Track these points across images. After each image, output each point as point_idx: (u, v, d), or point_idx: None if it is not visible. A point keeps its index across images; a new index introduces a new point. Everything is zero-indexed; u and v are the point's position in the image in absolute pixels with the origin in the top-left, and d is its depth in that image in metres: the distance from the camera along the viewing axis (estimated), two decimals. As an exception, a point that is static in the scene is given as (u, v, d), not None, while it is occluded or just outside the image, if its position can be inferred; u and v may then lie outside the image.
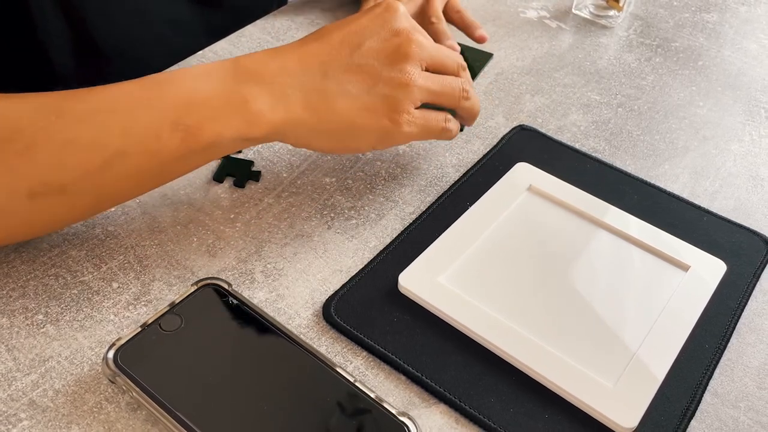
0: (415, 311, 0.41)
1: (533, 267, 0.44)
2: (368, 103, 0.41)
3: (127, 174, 0.38)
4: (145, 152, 0.38)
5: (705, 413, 0.38)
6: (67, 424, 0.35)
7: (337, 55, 0.41)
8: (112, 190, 0.39)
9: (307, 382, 0.36)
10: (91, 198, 0.39)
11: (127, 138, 0.37)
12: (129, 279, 0.42)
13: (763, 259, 0.45)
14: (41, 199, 0.37)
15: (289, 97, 0.40)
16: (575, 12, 0.69)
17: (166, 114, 0.38)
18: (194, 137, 0.38)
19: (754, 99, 0.60)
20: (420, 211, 0.48)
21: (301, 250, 0.45)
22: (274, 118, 0.40)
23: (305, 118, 0.40)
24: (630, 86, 0.60)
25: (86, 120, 0.37)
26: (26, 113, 0.37)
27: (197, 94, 0.39)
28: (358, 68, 0.41)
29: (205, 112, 0.39)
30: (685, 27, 0.68)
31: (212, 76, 0.40)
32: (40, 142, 0.36)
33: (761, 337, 0.42)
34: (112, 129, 0.37)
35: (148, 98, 0.38)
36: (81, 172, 0.37)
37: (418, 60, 0.42)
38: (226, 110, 0.39)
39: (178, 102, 0.39)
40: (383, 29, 0.42)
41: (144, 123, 0.38)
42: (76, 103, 0.38)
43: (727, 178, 0.52)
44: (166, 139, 0.38)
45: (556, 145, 0.53)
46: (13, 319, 0.40)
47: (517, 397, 0.37)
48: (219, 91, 0.39)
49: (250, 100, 0.39)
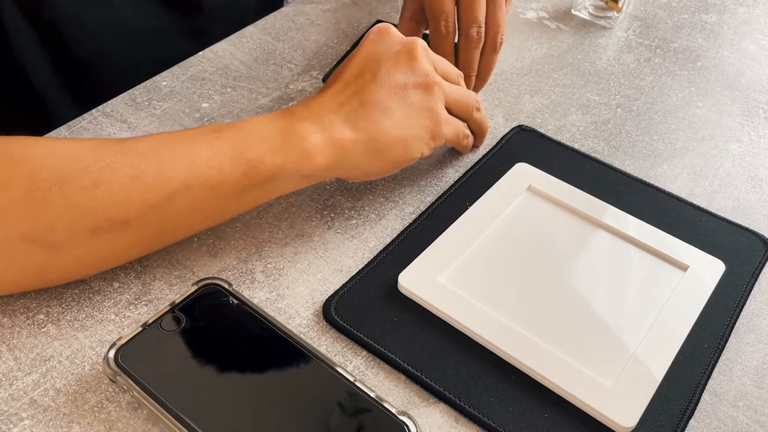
0: (414, 311, 0.41)
1: (532, 267, 0.44)
2: (408, 112, 0.43)
3: (189, 207, 0.39)
4: (208, 185, 0.39)
5: (704, 412, 0.38)
6: (68, 424, 0.36)
7: (363, 82, 0.43)
8: (173, 224, 0.40)
9: (307, 382, 0.36)
10: (153, 233, 0.40)
11: (190, 171, 0.38)
12: (130, 279, 0.42)
13: (762, 259, 0.46)
14: (104, 235, 0.37)
15: (339, 128, 0.42)
16: (574, 13, 0.69)
17: (226, 149, 0.39)
18: (255, 170, 0.39)
19: (752, 99, 0.60)
20: (420, 211, 0.48)
21: (302, 250, 0.45)
22: (329, 150, 0.41)
23: (357, 142, 0.42)
24: (629, 87, 0.60)
25: (149, 156, 0.38)
26: (89, 152, 0.37)
27: (255, 133, 0.40)
28: (386, 86, 0.43)
29: (265, 147, 0.40)
30: (683, 28, 0.68)
31: (265, 120, 0.42)
32: (105, 179, 0.37)
33: (760, 337, 0.42)
34: (175, 163, 0.38)
35: (208, 138, 0.40)
36: (145, 207, 0.38)
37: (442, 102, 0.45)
38: (285, 145, 0.40)
39: (238, 139, 0.40)
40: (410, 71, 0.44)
41: (206, 157, 0.39)
42: (137, 143, 0.39)
43: (726, 178, 0.52)
44: (228, 172, 0.39)
45: (555, 145, 0.53)
46: (14, 318, 0.40)
47: (516, 397, 0.38)
48: (275, 130, 0.41)
49: (306, 136, 0.41)
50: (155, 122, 0.53)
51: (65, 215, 0.36)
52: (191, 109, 0.55)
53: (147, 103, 0.55)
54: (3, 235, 0.36)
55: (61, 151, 0.37)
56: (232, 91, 0.57)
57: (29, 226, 0.36)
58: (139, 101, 0.55)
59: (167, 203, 0.38)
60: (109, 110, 0.54)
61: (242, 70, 0.59)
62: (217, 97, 0.56)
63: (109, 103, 0.54)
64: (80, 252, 0.38)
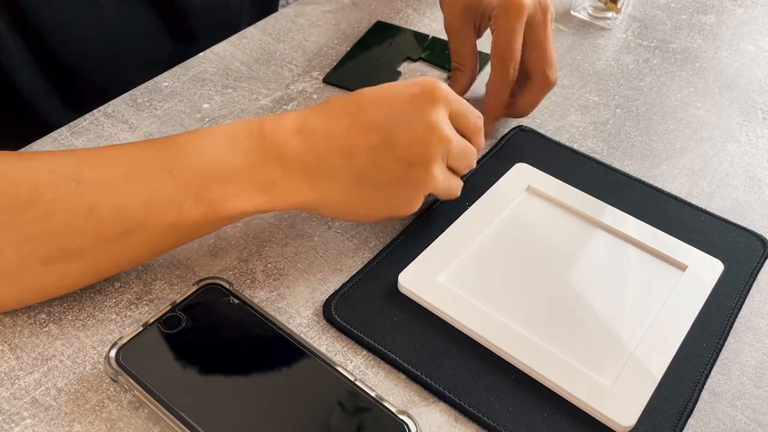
0: (414, 310, 0.41)
1: (532, 266, 0.44)
2: (384, 195, 0.40)
3: (145, 243, 0.38)
4: (166, 224, 0.37)
5: (702, 412, 0.38)
6: (70, 423, 0.36)
7: (365, 142, 0.39)
8: (127, 257, 0.39)
9: (307, 381, 0.36)
10: (107, 264, 0.39)
11: (149, 210, 0.37)
12: (131, 278, 0.42)
13: (760, 258, 0.46)
14: (56, 265, 0.37)
15: (309, 180, 0.39)
16: (573, 14, 0.69)
17: (189, 186, 0.37)
18: (215, 211, 0.38)
19: (751, 100, 0.60)
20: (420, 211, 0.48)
21: (302, 249, 0.45)
22: (294, 199, 0.39)
23: (321, 201, 0.40)
24: (628, 87, 0.61)
25: (106, 189, 0.36)
26: (45, 178, 0.36)
27: (221, 166, 0.38)
28: (382, 161, 0.39)
29: (230, 187, 0.38)
30: (682, 29, 0.68)
31: (237, 147, 0.38)
32: (58, 210, 0.35)
33: (758, 336, 0.42)
34: (133, 200, 0.37)
35: (170, 167, 0.37)
36: (99, 241, 0.37)
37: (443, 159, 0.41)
38: (250, 188, 0.38)
39: (202, 173, 0.38)
40: (418, 120, 0.39)
41: (166, 194, 0.37)
42: (96, 170, 0.37)
43: (725, 178, 0.53)
44: (188, 211, 0.37)
45: (554, 145, 0.54)
46: (15, 318, 0.40)
47: (516, 396, 0.38)
48: (244, 168, 0.38)
49: (275, 182, 0.38)
50: (156, 123, 0.53)
51: (15, 244, 0.35)
52: (192, 110, 0.55)
53: (148, 103, 0.55)
54: None
55: (14, 177, 0.36)
56: (233, 92, 0.57)
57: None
58: (140, 102, 0.55)
59: (122, 239, 0.37)
60: (110, 111, 0.54)
61: (243, 71, 0.59)
62: (218, 98, 0.56)
63: (111, 104, 0.55)
64: (31, 280, 0.37)
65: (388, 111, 0.39)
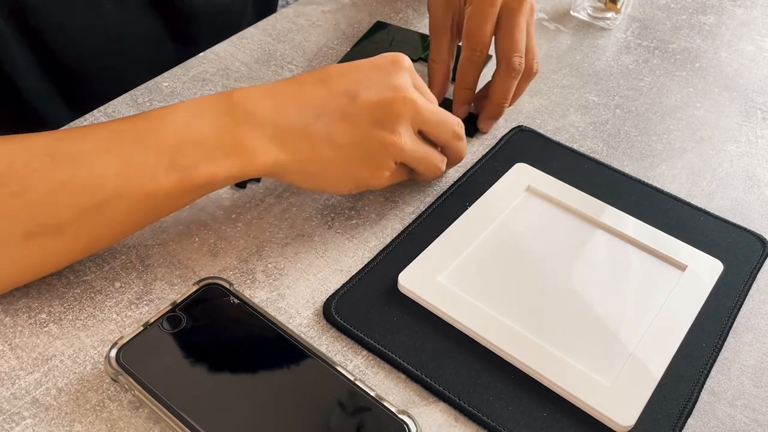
0: (414, 310, 0.41)
1: (531, 266, 0.44)
2: (353, 156, 0.42)
3: (123, 213, 0.38)
4: (141, 193, 0.38)
5: (702, 411, 0.38)
6: (70, 423, 0.36)
7: (333, 102, 0.41)
8: (107, 229, 0.39)
9: (307, 381, 0.36)
10: (87, 238, 0.39)
11: (123, 179, 0.37)
12: (131, 278, 0.43)
13: (760, 258, 0.46)
14: (38, 240, 0.37)
15: (280, 138, 0.40)
16: (573, 14, 0.69)
17: (161, 155, 0.38)
18: (189, 177, 0.38)
19: (750, 100, 0.60)
20: (419, 211, 0.48)
21: (302, 249, 0.45)
22: (265, 160, 0.40)
23: (293, 162, 0.41)
24: (628, 87, 0.61)
25: (80, 160, 0.37)
26: (19, 155, 0.37)
27: (192, 133, 0.39)
28: (350, 118, 0.41)
29: (201, 153, 0.39)
30: (682, 29, 0.68)
31: (206, 113, 0.39)
32: (34, 184, 0.36)
33: (758, 336, 0.42)
34: (107, 170, 0.37)
35: (143, 138, 0.38)
36: (76, 213, 0.37)
37: (410, 121, 0.42)
38: (221, 151, 0.39)
39: (173, 142, 0.38)
40: (383, 82, 0.41)
41: (139, 163, 0.38)
42: (69, 143, 0.38)
43: (724, 178, 0.53)
44: (162, 179, 0.38)
45: (554, 145, 0.54)
46: (16, 318, 0.40)
47: (515, 396, 0.38)
48: (213, 132, 0.39)
49: (244, 142, 0.39)
50: (156, 123, 0.53)
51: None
52: (192, 110, 0.55)
53: (148, 103, 0.55)
54: None
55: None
56: (233, 92, 0.57)
57: None
58: (141, 102, 0.55)
59: (99, 210, 0.37)
60: (110, 111, 0.54)
61: (243, 71, 0.59)
62: (218, 98, 0.56)
63: (111, 104, 0.55)
64: (13, 258, 0.37)
65: (355, 76, 0.42)
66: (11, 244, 0.37)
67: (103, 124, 0.39)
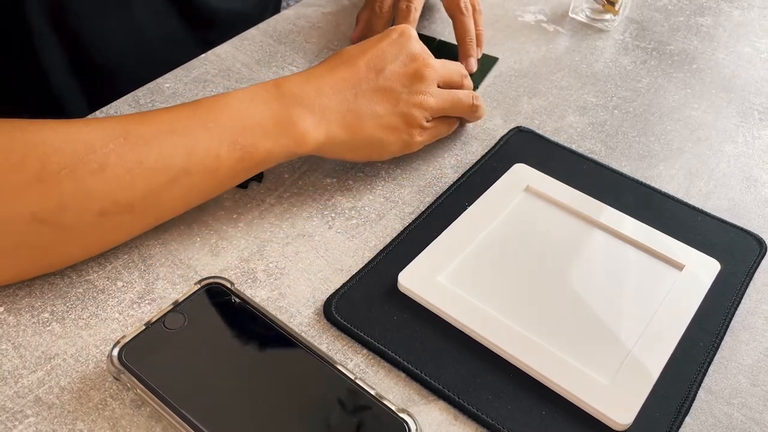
0: (414, 310, 0.42)
1: (530, 266, 0.44)
2: (392, 122, 0.47)
3: (189, 190, 0.42)
4: (206, 170, 0.41)
5: (699, 410, 0.39)
6: (73, 421, 0.36)
7: (365, 79, 0.46)
8: (173, 205, 0.42)
9: (308, 380, 0.37)
10: (155, 214, 0.42)
11: (191, 158, 0.40)
12: (133, 278, 0.43)
13: (757, 258, 0.46)
14: (110, 217, 0.39)
15: (328, 117, 0.45)
16: (572, 16, 0.69)
17: (223, 135, 0.41)
18: (250, 155, 0.42)
19: (747, 101, 0.61)
20: (419, 211, 0.49)
21: (303, 249, 0.46)
22: (318, 137, 0.44)
23: (342, 136, 0.45)
24: (626, 89, 0.61)
25: (152, 142, 0.40)
26: (97, 134, 0.39)
27: (249, 117, 0.43)
28: (383, 90, 0.46)
29: (259, 133, 0.42)
30: (679, 30, 0.69)
31: (258, 99, 0.43)
32: (111, 163, 0.38)
33: (754, 335, 0.42)
34: (176, 150, 0.40)
35: (205, 121, 0.42)
36: (148, 191, 0.40)
37: (432, 81, 0.48)
38: (277, 131, 0.43)
39: (234, 124, 0.42)
40: (401, 54, 0.48)
41: (205, 144, 0.41)
42: (139, 126, 0.40)
43: (721, 178, 0.53)
44: (225, 158, 0.41)
45: (553, 146, 0.54)
46: (19, 317, 0.40)
47: (514, 394, 0.38)
48: (268, 114, 0.43)
49: (297, 121, 0.43)
50: (157, 124, 0.54)
51: (75, 197, 0.38)
52: (193, 111, 0.55)
53: (150, 104, 0.55)
54: (14, 214, 0.37)
55: (70, 135, 0.38)
56: (234, 93, 0.57)
57: (40, 206, 0.37)
58: (143, 102, 0.55)
59: (169, 188, 0.40)
60: (112, 112, 0.54)
61: (244, 72, 0.59)
62: (219, 99, 0.56)
63: (113, 105, 0.55)
64: (85, 233, 0.40)
65: (376, 53, 0.47)
66: (87, 220, 0.39)
67: (164, 109, 0.42)
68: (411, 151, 0.50)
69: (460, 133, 0.55)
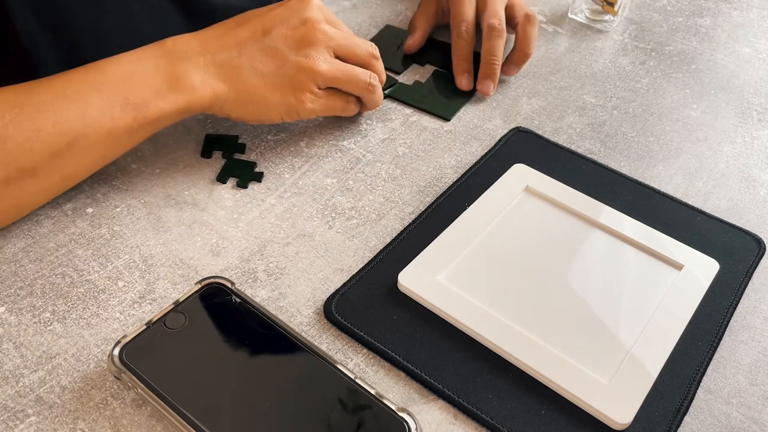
0: (414, 309, 0.42)
1: (530, 266, 0.44)
2: (276, 82, 0.47)
3: (89, 152, 0.44)
4: (103, 132, 0.43)
5: (698, 409, 0.39)
6: (74, 420, 0.36)
7: (251, 38, 0.47)
8: (75, 168, 0.44)
9: (308, 379, 0.37)
10: (59, 178, 0.44)
11: (85, 120, 0.42)
12: (134, 278, 0.43)
13: (755, 258, 0.46)
14: (16, 183, 0.42)
15: (212, 72, 0.46)
16: (571, 16, 0.69)
17: (115, 96, 0.43)
18: (142, 114, 0.44)
19: (746, 101, 0.61)
20: (419, 211, 0.49)
21: (303, 249, 0.46)
22: (205, 92, 0.46)
23: (226, 92, 0.46)
24: (625, 89, 0.61)
25: (47, 108, 0.42)
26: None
27: (137, 75, 0.44)
28: (268, 50, 0.47)
29: (149, 91, 0.44)
30: (678, 31, 0.69)
31: (146, 58, 0.45)
32: (10, 134, 0.40)
33: (753, 335, 0.43)
34: (71, 114, 0.42)
35: (96, 83, 0.43)
36: (48, 155, 0.42)
37: (324, 47, 0.48)
38: (166, 87, 0.45)
39: (123, 85, 0.44)
40: (294, 17, 0.48)
41: (98, 106, 0.43)
42: (32, 95, 0.42)
43: (720, 178, 0.53)
44: (119, 118, 0.43)
45: (552, 146, 0.54)
46: (20, 317, 0.40)
47: (514, 394, 0.38)
48: (156, 72, 0.45)
49: (183, 77, 0.45)
50: (158, 124, 0.54)
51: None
52: (193, 111, 0.55)
53: (149, 105, 0.55)
54: None
55: None
56: (234, 93, 0.57)
57: None
58: (142, 103, 0.55)
59: (68, 150, 0.42)
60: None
61: (243, 73, 0.59)
62: (219, 99, 0.56)
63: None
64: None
65: (270, 16, 0.48)
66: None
67: (55, 76, 0.44)
68: (300, 117, 0.49)
69: (460, 133, 0.55)
